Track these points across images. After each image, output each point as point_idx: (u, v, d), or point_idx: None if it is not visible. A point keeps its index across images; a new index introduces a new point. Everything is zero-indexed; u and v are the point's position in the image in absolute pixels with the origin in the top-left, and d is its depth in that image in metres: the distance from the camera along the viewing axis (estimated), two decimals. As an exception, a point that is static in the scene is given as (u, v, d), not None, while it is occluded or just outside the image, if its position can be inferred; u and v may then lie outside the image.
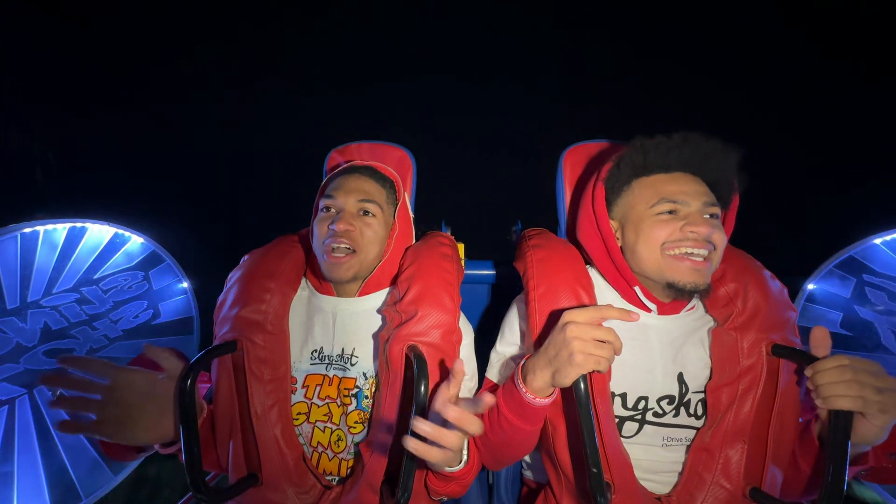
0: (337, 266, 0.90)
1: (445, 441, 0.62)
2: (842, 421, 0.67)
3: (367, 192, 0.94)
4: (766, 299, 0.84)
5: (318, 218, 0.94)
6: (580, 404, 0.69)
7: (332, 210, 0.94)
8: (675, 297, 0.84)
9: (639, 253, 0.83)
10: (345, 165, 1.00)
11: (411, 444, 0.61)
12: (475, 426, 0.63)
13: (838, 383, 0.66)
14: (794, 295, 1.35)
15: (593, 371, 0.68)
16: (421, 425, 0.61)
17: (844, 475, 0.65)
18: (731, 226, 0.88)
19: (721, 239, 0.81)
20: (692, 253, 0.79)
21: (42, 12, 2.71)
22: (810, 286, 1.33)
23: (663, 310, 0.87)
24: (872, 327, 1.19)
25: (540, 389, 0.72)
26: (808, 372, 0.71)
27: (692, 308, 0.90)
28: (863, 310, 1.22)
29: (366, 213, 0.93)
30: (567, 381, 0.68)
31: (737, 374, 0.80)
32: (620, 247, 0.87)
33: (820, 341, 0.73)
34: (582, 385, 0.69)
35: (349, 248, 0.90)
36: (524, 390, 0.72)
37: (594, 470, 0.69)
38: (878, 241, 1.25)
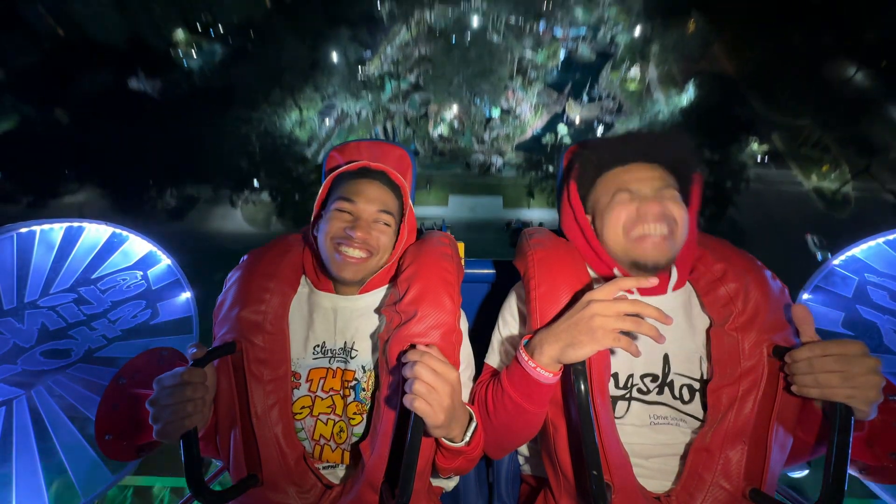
0: (348, 267, 0.91)
1: (422, 376, 0.69)
2: (843, 421, 0.67)
3: (385, 202, 0.96)
4: (767, 299, 0.84)
5: (330, 216, 0.94)
6: (580, 404, 0.69)
7: (350, 215, 0.94)
8: (642, 275, 0.87)
9: (606, 239, 0.91)
10: (359, 164, 0.96)
11: (406, 399, 0.68)
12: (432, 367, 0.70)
13: (806, 375, 0.71)
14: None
15: (610, 347, 0.70)
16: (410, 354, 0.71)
17: (845, 475, 0.65)
18: (697, 200, 0.92)
19: (679, 212, 0.86)
20: (651, 233, 0.85)
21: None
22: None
23: (648, 290, 0.89)
24: (874, 326, 1.19)
25: (546, 365, 0.74)
26: (787, 358, 0.75)
27: (677, 288, 0.92)
28: (864, 309, 1.22)
29: (382, 222, 0.95)
30: (580, 355, 0.71)
31: (737, 376, 0.80)
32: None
33: (802, 320, 0.77)
34: (582, 385, 0.70)
35: (364, 253, 0.92)
36: (532, 365, 0.74)
37: (594, 472, 0.68)
38: (880, 240, 1.25)
